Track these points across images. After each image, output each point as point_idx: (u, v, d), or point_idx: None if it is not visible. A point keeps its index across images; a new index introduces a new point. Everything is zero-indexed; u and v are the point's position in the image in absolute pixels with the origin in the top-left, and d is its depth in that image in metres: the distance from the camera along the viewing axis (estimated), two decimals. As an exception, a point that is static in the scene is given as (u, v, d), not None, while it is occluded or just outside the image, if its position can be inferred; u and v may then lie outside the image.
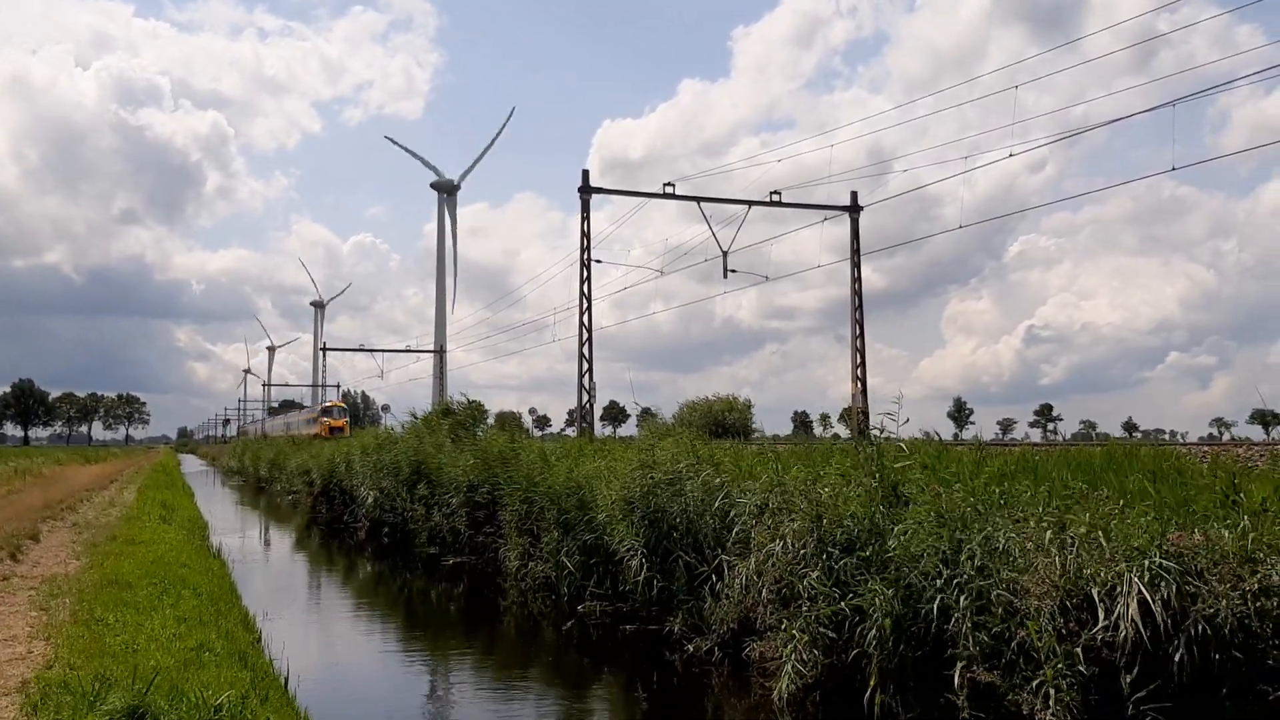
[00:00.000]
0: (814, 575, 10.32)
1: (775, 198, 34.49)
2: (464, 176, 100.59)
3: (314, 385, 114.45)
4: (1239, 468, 10.29)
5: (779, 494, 12.20)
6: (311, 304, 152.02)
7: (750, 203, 34.61)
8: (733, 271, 34.45)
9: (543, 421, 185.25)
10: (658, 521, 14.09)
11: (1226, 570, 7.68)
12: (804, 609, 10.19)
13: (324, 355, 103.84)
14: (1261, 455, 11.62)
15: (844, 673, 9.79)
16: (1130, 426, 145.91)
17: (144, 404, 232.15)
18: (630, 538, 14.29)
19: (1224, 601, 7.46)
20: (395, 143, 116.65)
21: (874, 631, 9.29)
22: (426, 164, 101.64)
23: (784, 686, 9.84)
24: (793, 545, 10.94)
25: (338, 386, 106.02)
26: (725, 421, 38.65)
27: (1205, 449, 12.04)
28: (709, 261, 34.74)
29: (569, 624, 15.26)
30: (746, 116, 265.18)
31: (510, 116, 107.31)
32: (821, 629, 9.89)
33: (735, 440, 21.15)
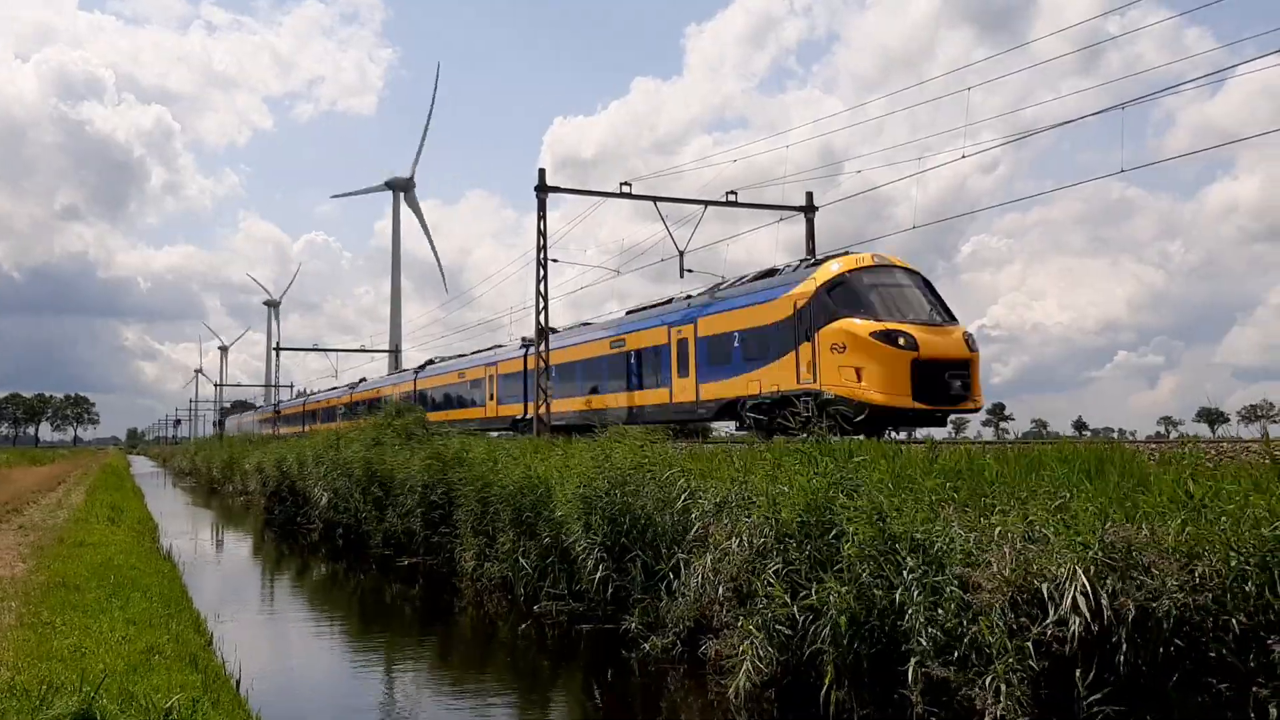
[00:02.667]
0: (771, 572, 10.37)
1: (731, 197, 34.56)
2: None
3: (267, 385, 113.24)
4: (1186, 465, 10.43)
5: (737, 490, 12.25)
6: (265, 303, 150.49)
7: (707, 202, 34.61)
8: (689, 271, 34.45)
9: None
10: (615, 520, 14.09)
11: (1172, 565, 7.80)
12: (760, 606, 10.24)
13: (278, 355, 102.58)
14: (1207, 453, 11.81)
15: (800, 669, 9.86)
16: (1080, 425, 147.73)
17: (93, 404, 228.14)
18: (587, 537, 14.28)
19: (1164, 596, 7.57)
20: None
21: (829, 629, 9.37)
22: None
23: (741, 683, 9.88)
24: (750, 542, 10.98)
25: (291, 386, 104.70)
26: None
27: (1153, 447, 12.23)
28: (665, 261, 34.69)
29: (525, 624, 15.22)
30: (699, 115, 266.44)
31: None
32: (778, 626, 9.95)
33: (694, 440, 21.23)
